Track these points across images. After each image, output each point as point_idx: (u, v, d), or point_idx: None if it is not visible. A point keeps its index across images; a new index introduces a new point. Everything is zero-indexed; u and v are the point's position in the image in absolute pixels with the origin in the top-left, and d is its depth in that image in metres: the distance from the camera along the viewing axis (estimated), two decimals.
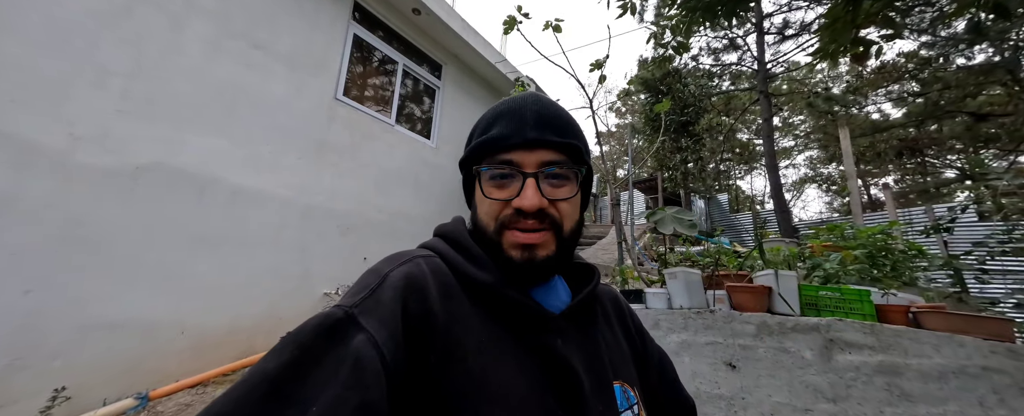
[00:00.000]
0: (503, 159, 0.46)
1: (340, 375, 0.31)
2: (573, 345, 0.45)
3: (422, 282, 0.40)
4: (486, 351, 0.39)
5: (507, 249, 0.45)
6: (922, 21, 8.12)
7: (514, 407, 0.37)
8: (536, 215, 0.44)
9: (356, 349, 0.32)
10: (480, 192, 0.47)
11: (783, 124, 16.48)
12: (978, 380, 1.34)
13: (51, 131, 2.00)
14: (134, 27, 2.32)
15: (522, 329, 0.43)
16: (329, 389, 0.30)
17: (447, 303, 0.41)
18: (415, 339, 0.36)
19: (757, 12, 10.59)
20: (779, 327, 1.61)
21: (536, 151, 0.46)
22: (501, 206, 0.45)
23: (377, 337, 0.34)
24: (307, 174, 3.21)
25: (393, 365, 0.33)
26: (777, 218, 8.37)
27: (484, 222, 0.47)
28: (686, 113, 10.41)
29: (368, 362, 0.32)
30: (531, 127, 0.46)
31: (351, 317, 0.35)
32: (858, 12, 1.43)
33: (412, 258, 0.44)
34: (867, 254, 2.10)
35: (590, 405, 0.41)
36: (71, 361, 1.96)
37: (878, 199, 14.70)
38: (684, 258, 2.77)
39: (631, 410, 0.46)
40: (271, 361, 0.32)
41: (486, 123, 0.50)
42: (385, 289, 0.38)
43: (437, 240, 0.50)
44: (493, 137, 0.47)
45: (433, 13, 4.27)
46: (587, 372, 0.43)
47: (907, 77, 10.34)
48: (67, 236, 2.01)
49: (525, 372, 0.40)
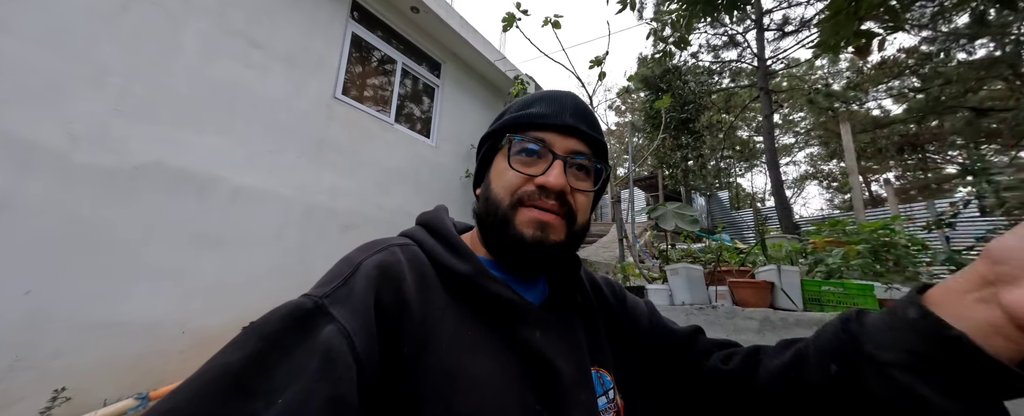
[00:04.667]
0: (538, 136, 0.46)
1: (309, 367, 0.29)
2: (553, 336, 0.44)
3: (397, 271, 0.39)
4: (462, 343, 0.38)
5: (519, 226, 0.44)
6: (923, 16, 8.09)
7: (489, 400, 0.36)
8: (557, 196, 0.44)
9: (326, 340, 0.31)
10: (505, 163, 0.46)
11: (783, 121, 16.46)
12: None
13: (50, 130, 1.99)
14: (132, 25, 2.31)
15: (500, 321, 0.42)
16: (297, 382, 0.28)
17: (423, 293, 0.39)
18: (388, 330, 0.35)
19: (757, 8, 10.56)
20: (782, 323, 1.61)
21: (570, 138, 0.46)
22: (523, 180, 0.45)
23: (348, 328, 0.32)
24: (307, 173, 3.20)
25: (365, 357, 0.32)
26: (778, 215, 8.36)
27: (498, 195, 0.46)
28: (686, 110, 10.40)
29: (338, 354, 0.30)
30: (569, 114, 0.47)
31: (321, 307, 0.33)
32: (861, 4, 1.41)
33: (388, 246, 0.42)
34: (870, 249, 2.08)
35: (571, 396, 0.40)
36: (71, 361, 1.96)
37: (879, 195, 14.67)
38: (685, 255, 2.76)
39: (606, 395, 0.46)
40: (233, 353, 0.30)
41: (524, 102, 0.51)
42: (358, 278, 0.36)
43: (417, 228, 0.49)
44: (533, 113, 0.48)
45: (432, 11, 4.25)
46: (567, 363, 0.42)
47: (907, 73, 10.31)
48: (67, 235, 2.00)
49: (502, 365, 0.39)
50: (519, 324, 0.42)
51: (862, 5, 1.43)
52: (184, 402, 0.27)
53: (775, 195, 8.75)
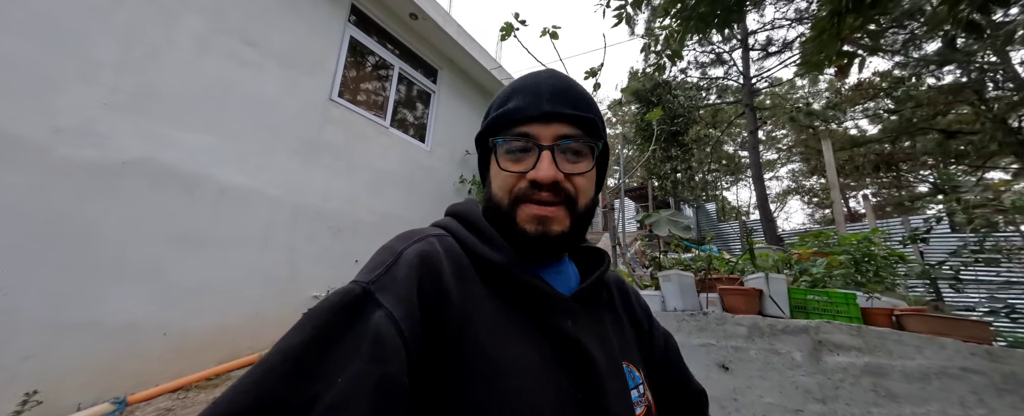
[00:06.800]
0: (519, 132, 0.46)
1: (361, 350, 0.31)
2: (583, 327, 0.45)
3: (436, 261, 0.40)
4: (499, 329, 0.39)
5: (521, 223, 0.44)
6: (895, 42, 8.53)
7: (528, 384, 0.37)
8: (551, 188, 0.44)
9: (376, 324, 0.32)
10: (496, 165, 0.47)
11: (767, 137, 17.00)
12: (958, 381, 1.39)
13: (33, 124, 1.93)
14: (125, 19, 2.28)
15: (534, 310, 0.43)
16: (352, 364, 0.30)
17: (460, 283, 0.40)
18: (430, 316, 0.36)
19: (742, 29, 10.99)
20: (770, 329, 1.65)
21: (552, 124, 0.45)
22: (516, 179, 0.45)
23: (395, 313, 0.34)
24: (298, 174, 3.16)
25: (412, 341, 0.33)
26: (763, 227, 8.59)
27: (498, 196, 0.47)
28: (676, 123, 10.66)
29: (388, 337, 0.32)
30: (547, 100, 0.46)
31: (369, 293, 0.35)
32: (843, 25, 1.50)
33: (425, 236, 0.43)
34: (851, 259, 2.17)
35: (606, 384, 0.41)
36: (44, 363, 1.86)
37: (857, 211, 15.21)
38: (676, 263, 2.81)
39: (637, 389, 0.47)
40: (291, 339, 0.31)
41: (503, 98, 0.50)
42: (400, 267, 0.38)
43: (449, 219, 0.50)
44: (509, 110, 0.47)
45: (430, 19, 4.30)
46: (600, 352, 0.44)
47: (882, 95, 10.83)
48: (46, 233, 1.93)
49: (538, 351, 0.40)
50: (551, 313, 0.43)
51: (844, 26, 1.52)
52: (250, 385, 0.28)
53: (760, 208, 8.99)
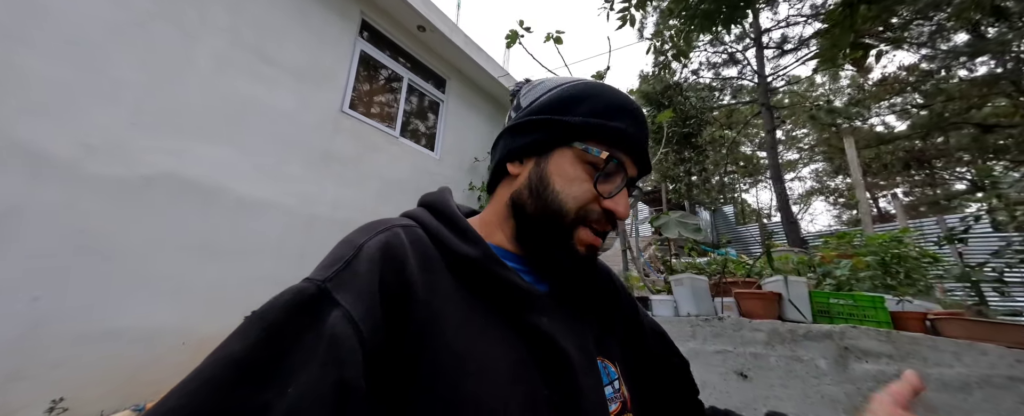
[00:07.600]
0: (618, 156, 0.44)
1: (316, 354, 0.29)
2: (559, 323, 0.43)
3: (400, 252, 0.38)
4: (468, 326, 0.37)
5: (577, 243, 0.44)
6: (921, 35, 8.19)
7: (497, 383, 0.35)
8: (612, 222, 0.44)
9: (332, 325, 0.30)
10: (578, 169, 0.44)
11: (786, 137, 16.51)
12: (1004, 391, 1.27)
13: (63, 141, 2.05)
14: (148, 41, 2.41)
15: (507, 306, 0.41)
16: (306, 369, 0.28)
17: (426, 275, 0.38)
18: (393, 313, 0.34)
19: (755, 27, 10.78)
20: (791, 334, 1.56)
21: (638, 164, 0.46)
22: (593, 197, 0.43)
23: (353, 312, 0.31)
24: (311, 184, 3.24)
25: (371, 341, 0.31)
26: (785, 229, 8.27)
27: (564, 203, 0.43)
28: (688, 125, 10.48)
29: (345, 339, 0.30)
30: (643, 137, 0.45)
31: (325, 292, 0.32)
32: (856, 17, 1.44)
33: (390, 227, 0.41)
34: (879, 261, 2.05)
35: (580, 381, 0.39)
36: (71, 371, 1.94)
37: (887, 211, 14.49)
38: (690, 267, 2.72)
39: (611, 385, 0.45)
40: (237, 343, 0.29)
41: (606, 108, 0.46)
42: (361, 261, 0.35)
43: (420, 210, 0.48)
44: (619, 129, 0.44)
45: (437, 30, 4.39)
46: (575, 349, 0.42)
47: (909, 89, 10.37)
48: (75, 245, 2.03)
49: (510, 349, 0.38)
50: (526, 310, 0.41)
51: (857, 18, 1.46)
52: (190, 396, 0.25)
53: (781, 209, 8.68)
